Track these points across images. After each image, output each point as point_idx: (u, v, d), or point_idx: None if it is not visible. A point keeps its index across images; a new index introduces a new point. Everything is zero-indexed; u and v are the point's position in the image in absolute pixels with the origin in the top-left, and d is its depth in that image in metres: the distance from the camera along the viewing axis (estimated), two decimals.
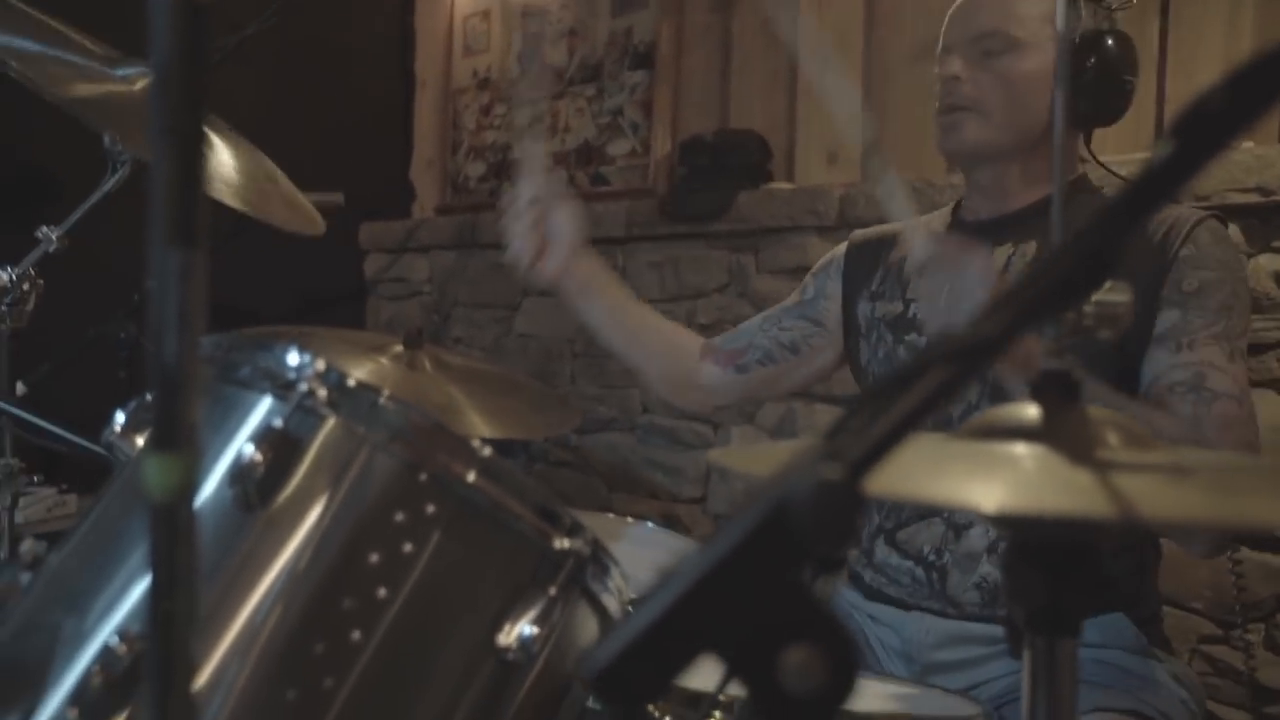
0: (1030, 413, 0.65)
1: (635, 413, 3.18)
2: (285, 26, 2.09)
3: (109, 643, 0.78)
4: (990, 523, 1.24)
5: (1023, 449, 0.62)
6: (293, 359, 0.86)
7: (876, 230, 1.69)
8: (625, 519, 1.90)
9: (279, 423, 0.83)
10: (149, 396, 0.89)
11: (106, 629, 0.79)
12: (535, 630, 0.82)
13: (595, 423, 3.27)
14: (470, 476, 0.84)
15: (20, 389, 1.62)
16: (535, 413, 1.78)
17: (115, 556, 0.85)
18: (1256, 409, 1.32)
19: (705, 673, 0.47)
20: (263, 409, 0.85)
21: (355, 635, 0.79)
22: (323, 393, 0.84)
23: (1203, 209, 1.40)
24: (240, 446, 0.82)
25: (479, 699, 0.82)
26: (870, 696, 1.15)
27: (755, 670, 0.45)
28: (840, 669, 0.45)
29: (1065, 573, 0.60)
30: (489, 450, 0.85)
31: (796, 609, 0.46)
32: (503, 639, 0.82)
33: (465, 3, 4.00)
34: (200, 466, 0.48)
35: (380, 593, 0.80)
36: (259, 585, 0.79)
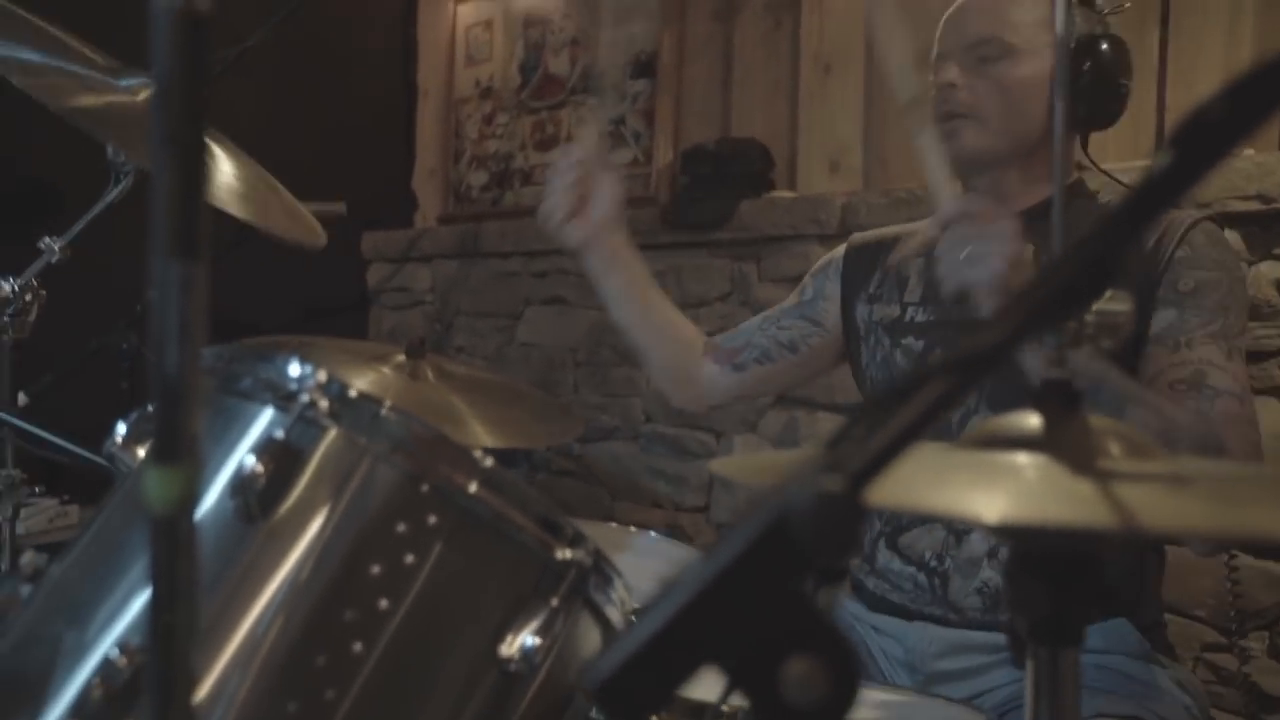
0: (1032, 422, 0.65)
1: (638, 422, 3.17)
2: (288, 37, 2.09)
3: (109, 655, 0.77)
4: (992, 533, 1.24)
5: (1024, 459, 0.62)
6: (294, 370, 0.86)
7: (875, 233, 1.70)
8: (628, 528, 1.90)
9: (280, 434, 0.83)
10: (150, 408, 0.89)
11: (107, 641, 0.79)
12: (537, 641, 0.82)
13: (598, 432, 3.27)
14: (472, 487, 0.84)
15: (22, 399, 1.62)
16: (538, 422, 1.78)
17: (116, 568, 0.84)
18: (1259, 413, 1.33)
19: (708, 684, 0.47)
20: (264, 420, 0.85)
21: (357, 647, 0.79)
22: (324, 404, 0.84)
23: (1199, 213, 1.41)
24: (241, 458, 0.82)
25: (481, 710, 0.82)
26: (873, 707, 1.15)
27: (757, 681, 0.45)
28: (842, 680, 0.45)
29: (1067, 583, 0.60)
30: (491, 461, 0.85)
31: (798, 620, 0.45)
32: (505, 650, 0.82)
33: (467, 12, 4.01)
34: (201, 478, 0.48)
35: (382, 604, 0.80)
36: (260, 597, 0.79)
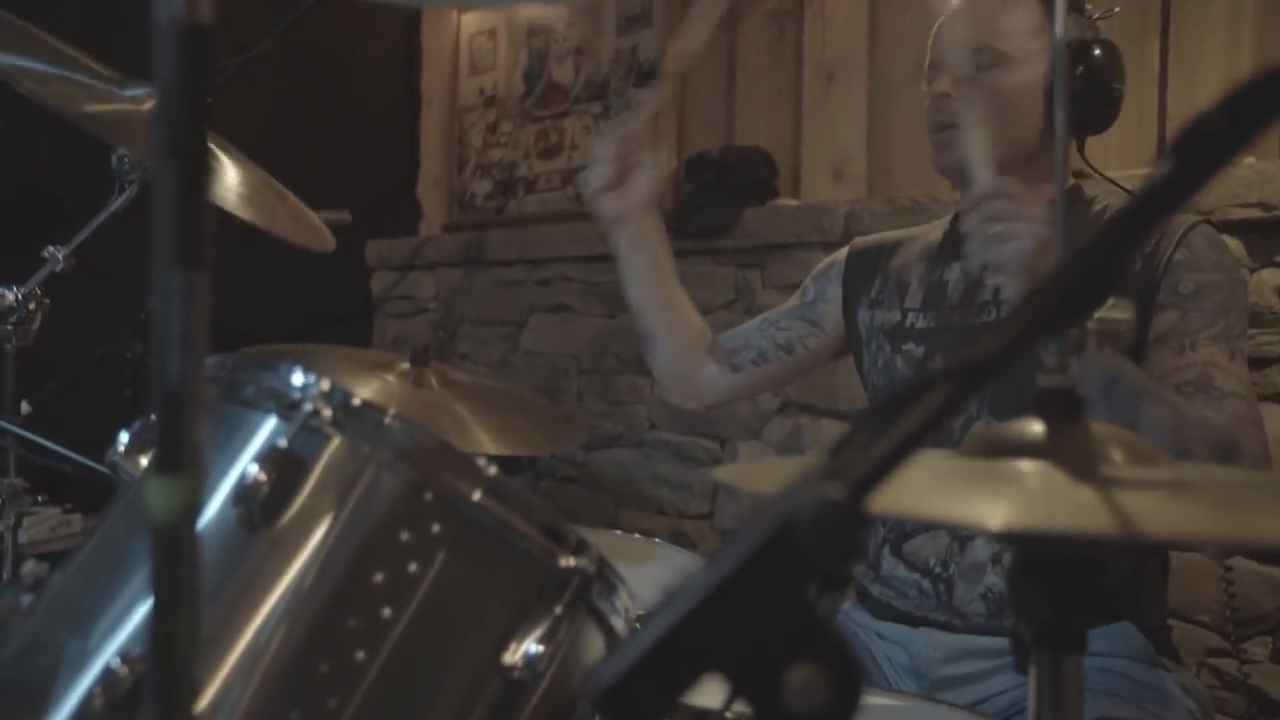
0: (1034, 429, 0.65)
1: (642, 429, 3.17)
2: (292, 46, 2.10)
3: (111, 664, 0.77)
4: (995, 539, 1.24)
5: (1027, 466, 0.62)
6: (297, 379, 0.85)
7: (877, 238, 1.71)
8: (632, 535, 1.90)
9: (283, 442, 0.83)
10: (153, 417, 0.90)
11: (109, 650, 0.79)
12: (541, 649, 0.82)
13: (602, 439, 3.27)
14: (476, 495, 0.84)
15: (25, 408, 1.62)
16: (542, 429, 1.79)
17: (118, 577, 0.84)
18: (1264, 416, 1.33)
19: (710, 691, 0.47)
20: (267, 429, 0.85)
21: (360, 655, 0.79)
22: (327, 412, 0.84)
23: (1197, 216, 1.41)
24: (244, 466, 0.82)
25: (484, 717, 0.82)
26: (877, 713, 1.15)
27: (760, 689, 0.45)
28: (844, 687, 0.45)
29: (1070, 589, 0.60)
30: (494, 469, 0.85)
31: (801, 627, 0.45)
32: (508, 658, 0.82)
33: (471, 21, 4.02)
34: (203, 487, 0.48)
35: (385, 612, 0.80)
36: (263, 605, 0.79)
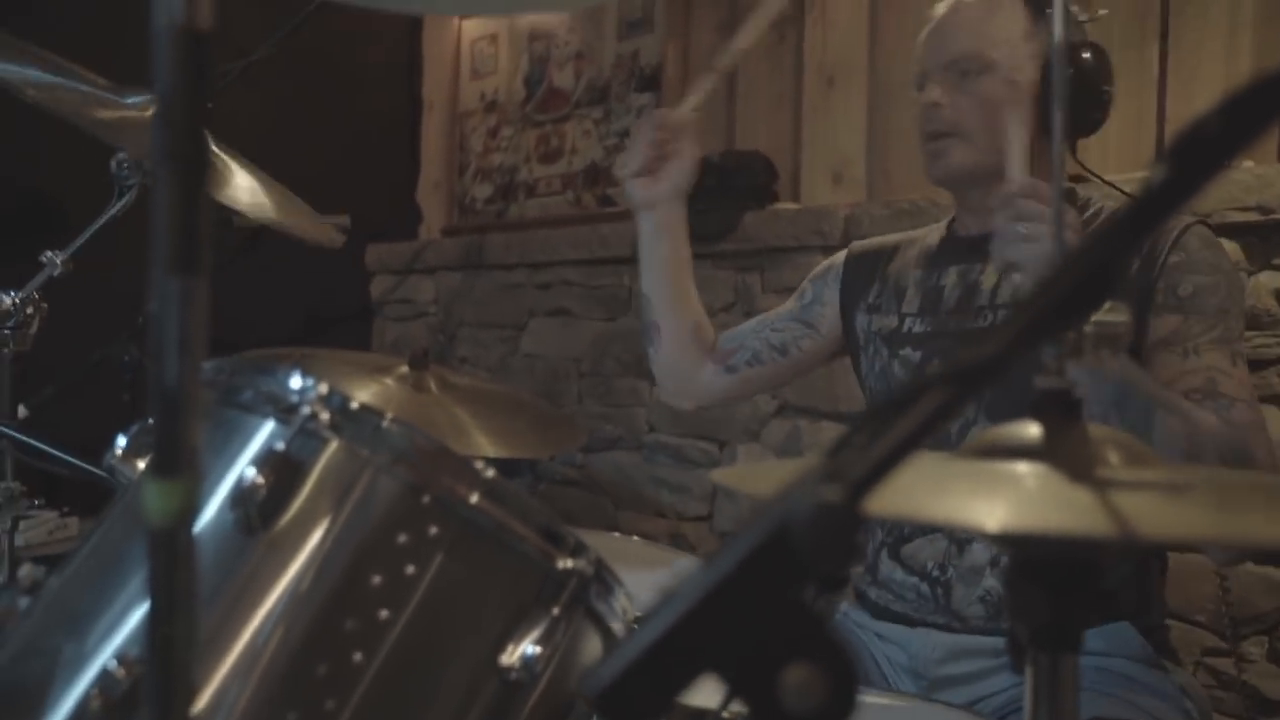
0: (1031, 432, 0.65)
1: (641, 431, 3.18)
2: (293, 50, 2.10)
3: (108, 666, 0.77)
4: (992, 541, 1.24)
5: (1024, 468, 0.62)
6: (295, 382, 0.86)
7: (875, 242, 1.71)
8: (631, 538, 1.90)
9: (281, 446, 0.83)
10: (150, 420, 0.90)
11: (106, 652, 0.79)
12: (538, 650, 0.82)
13: (601, 442, 3.27)
14: (473, 498, 0.84)
15: (22, 412, 1.62)
16: (541, 432, 1.79)
17: (115, 580, 0.85)
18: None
19: (707, 691, 0.47)
20: (265, 432, 0.85)
21: (357, 656, 0.79)
22: (325, 416, 0.84)
23: (1191, 217, 1.41)
24: (242, 470, 0.82)
25: (482, 719, 0.82)
26: (875, 713, 1.15)
27: (756, 689, 0.45)
28: (840, 688, 0.45)
29: (1067, 590, 0.60)
30: (492, 472, 0.85)
31: (797, 628, 0.46)
32: (506, 659, 0.82)
33: (472, 26, 4.02)
34: (200, 491, 0.48)
35: (383, 614, 0.80)
36: (260, 607, 0.79)
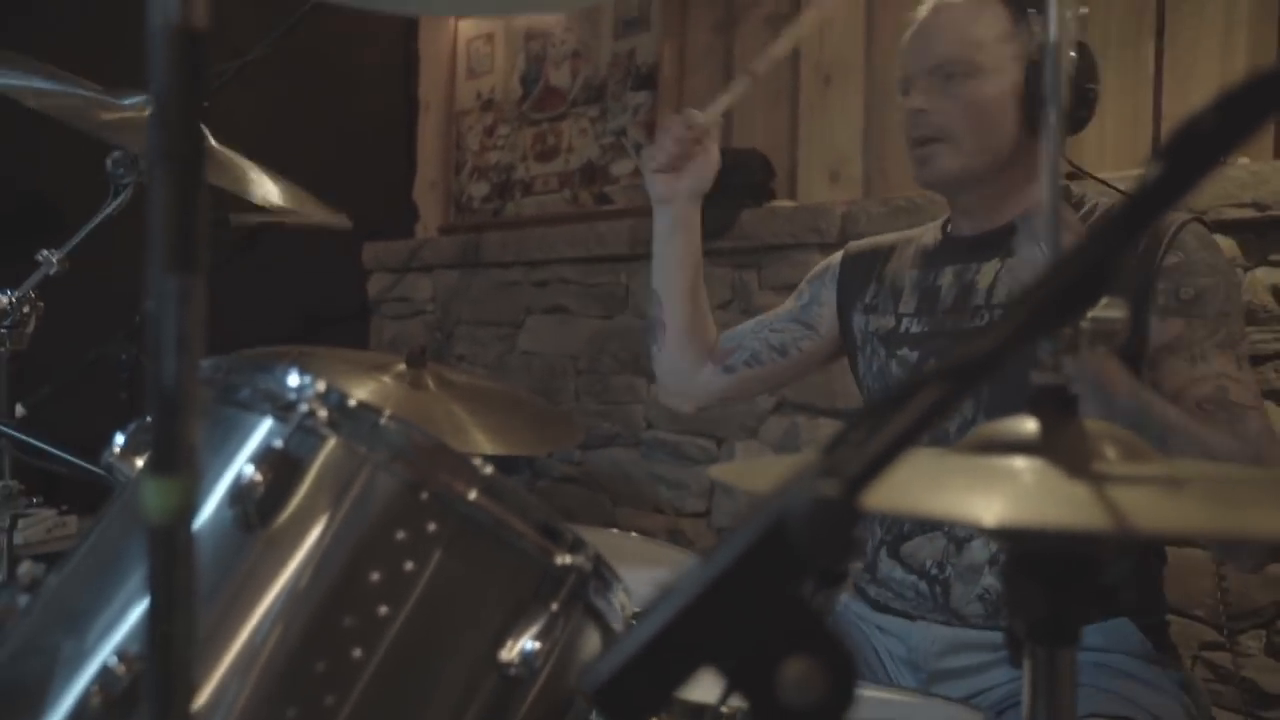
0: (1028, 427, 0.65)
1: (639, 428, 3.18)
2: (289, 50, 2.10)
3: (108, 663, 0.78)
4: (990, 536, 1.24)
5: (1021, 463, 0.62)
6: (293, 380, 0.86)
7: (872, 242, 1.71)
8: (629, 534, 1.90)
9: (279, 443, 0.83)
10: (148, 418, 0.90)
11: (105, 649, 0.79)
12: (537, 646, 0.82)
13: (599, 438, 3.27)
14: (472, 495, 0.84)
15: (20, 411, 1.62)
16: (539, 429, 1.79)
17: (114, 578, 0.85)
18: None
19: (707, 686, 0.47)
20: (263, 430, 0.85)
21: (356, 653, 0.79)
22: (323, 413, 0.84)
23: (1186, 214, 1.41)
24: (240, 467, 0.82)
25: (481, 714, 0.82)
26: (873, 708, 1.15)
27: (755, 683, 0.45)
28: (839, 681, 0.45)
29: (1064, 584, 0.60)
30: (490, 468, 0.85)
31: (796, 622, 0.46)
32: (505, 655, 0.82)
33: (468, 25, 4.02)
34: (199, 488, 0.48)
35: (381, 610, 0.80)
36: (259, 604, 0.79)
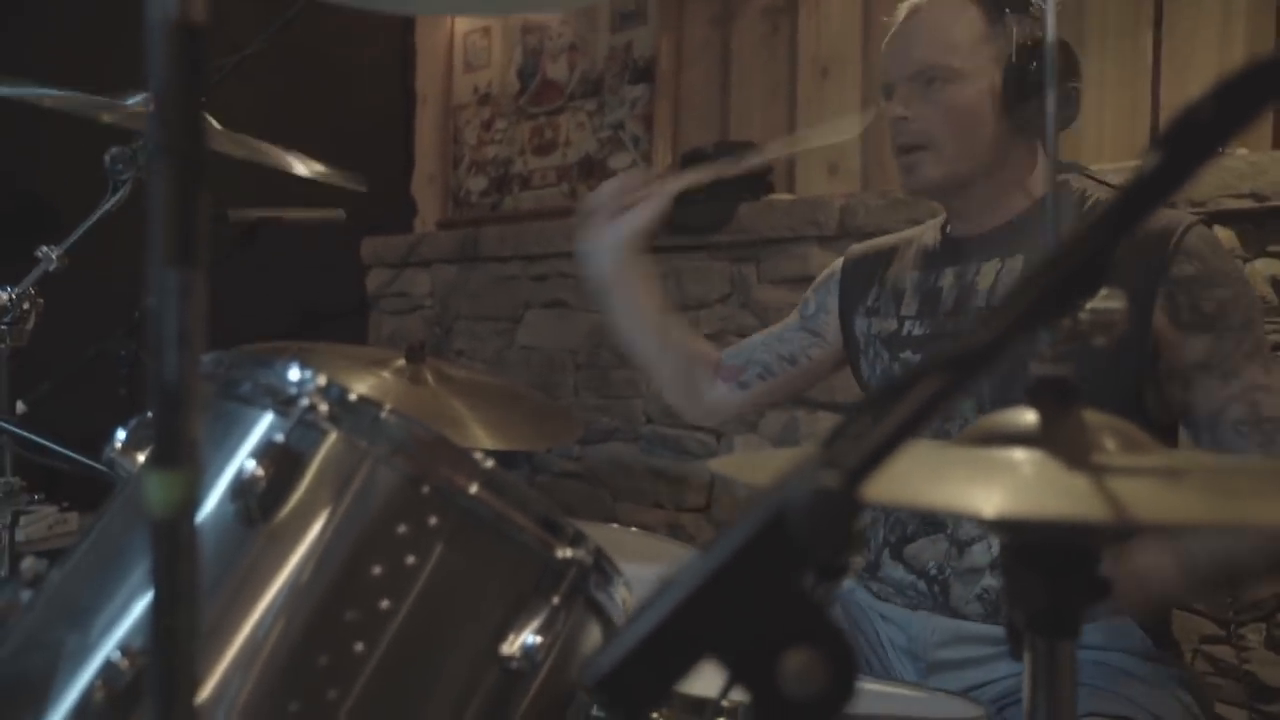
0: (1028, 419, 0.65)
1: (638, 423, 3.18)
2: (286, 45, 2.09)
3: (111, 657, 0.78)
4: (989, 527, 1.24)
5: (1021, 454, 0.62)
6: (294, 375, 0.86)
7: (873, 245, 1.70)
8: (629, 529, 1.91)
9: (280, 438, 0.83)
10: (150, 414, 0.90)
11: (109, 644, 0.80)
12: (539, 639, 0.82)
13: (598, 433, 3.27)
14: (473, 488, 0.84)
15: (20, 407, 1.63)
16: (538, 424, 1.79)
17: (117, 572, 0.85)
18: None
19: (708, 679, 0.47)
20: (264, 424, 0.85)
21: (358, 646, 0.79)
22: (324, 408, 0.84)
23: (1193, 214, 1.41)
24: (242, 462, 0.83)
25: (483, 708, 0.82)
26: (874, 700, 1.15)
27: (756, 675, 0.45)
28: (840, 673, 0.45)
29: (1064, 576, 0.61)
30: (491, 462, 0.85)
31: (796, 614, 0.46)
32: (506, 648, 0.82)
33: (465, 20, 4.01)
34: (201, 482, 0.48)
35: (383, 604, 0.81)
36: (262, 599, 0.80)
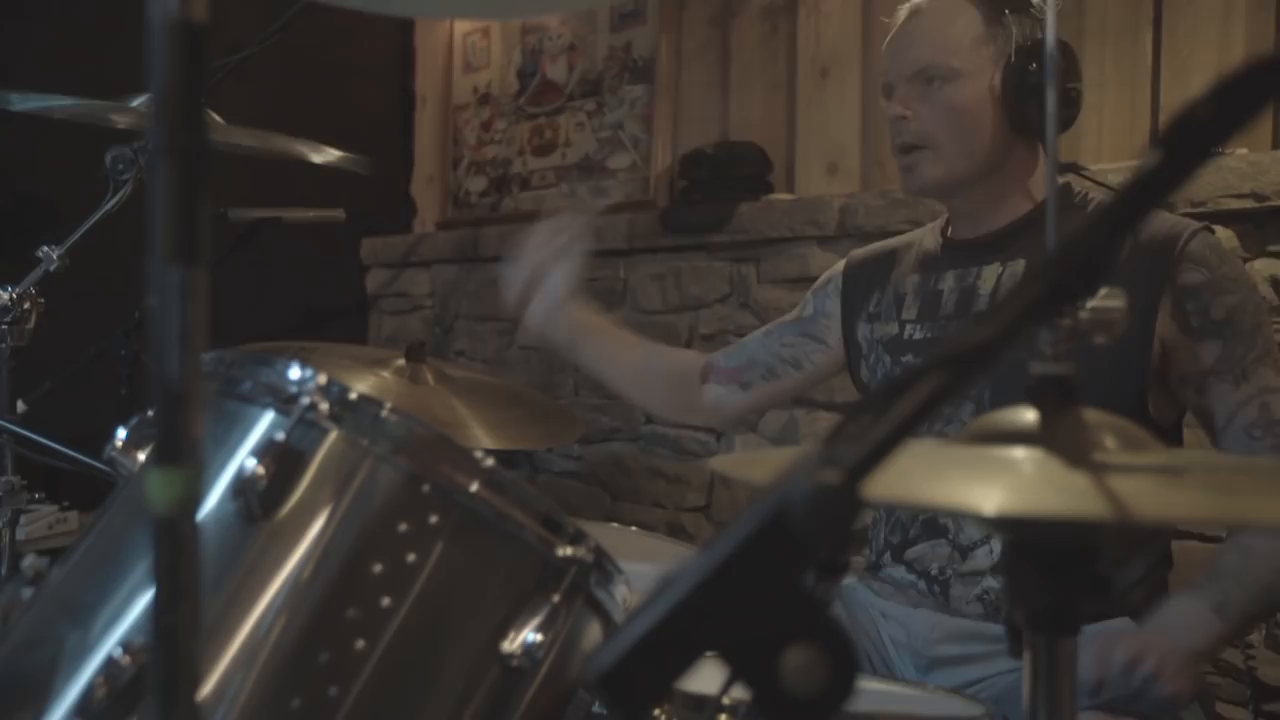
0: (1028, 417, 0.65)
1: (638, 422, 3.18)
2: (285, 45, 2.09)
3: (113, 654, 0.78)
4: (990, 526, 1.25)
5: (1021, 453, 0.62)
6: (294, 373, 0.86)
7: (874, 250, 1.70)
8: (629, 528, 1.91)
9: (281, 436, 0.83)
10: (150, 412, 0.90)
11: (110, 641, 0.80)
12: (539, 637, 0.83)
13: (598, 433, 3.27)
14: (473, 487, 0.84)
15: (21, 407, 1.63)
16: (538, 424, 1.79)
17: (118, 570, 0.85)
18: None
19: (710, 676, 0.47)
20: (265, 423, 0.86)
21: (359, 644, 0.79)
22: (325, 406, 0.85)
23: (1195, 216, 1.41)
24: (243, 460, 0.83)
25: (484, 705, 0.83)
26: (877, 698, 1.15)
27: (757, 671, 0.45)
28: (840, 670, 0.45)
29: (1064, 573, 0.61)
30: (491, 461, 0.85)
31: (797, 611, 0.46)
32: (507, 646, 0.82)
33: (464, 20, 4.01)
34: (203, 480, 0.48)
35: (384, 602, 0.81)
36: (263, 596, 0.80)
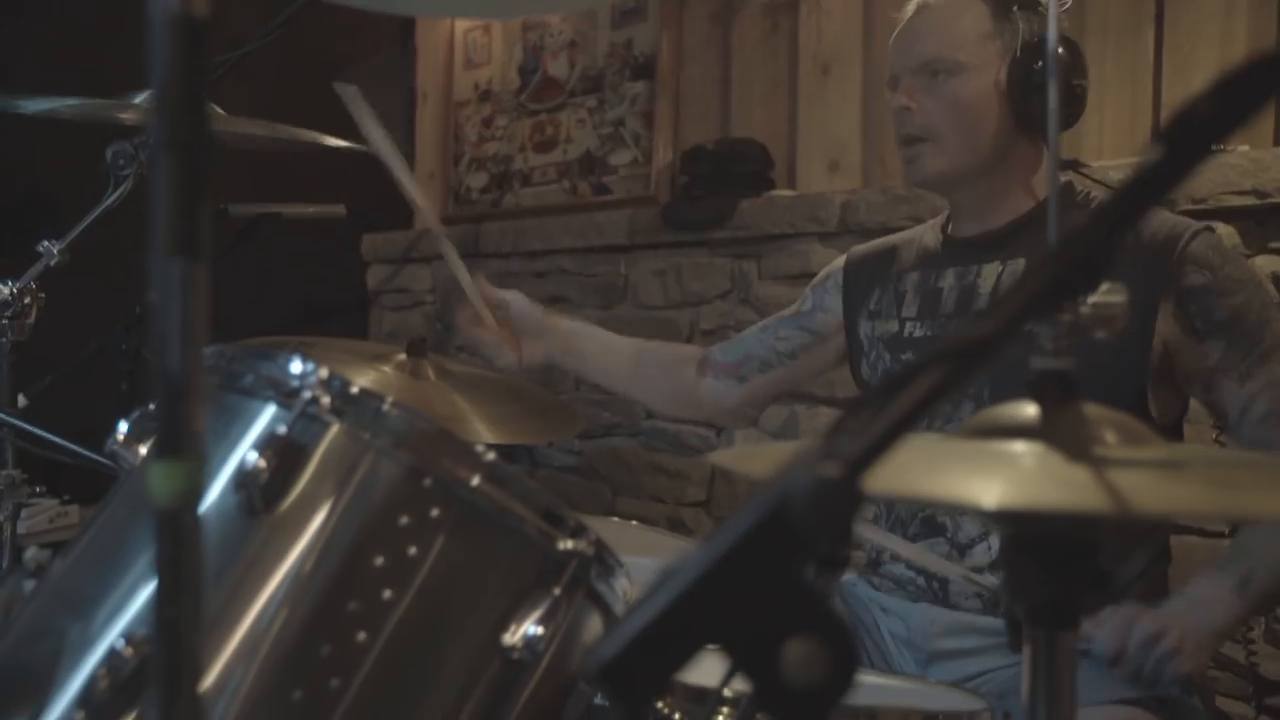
0: (1028, 411, 0.65)
1: (638, 417, 3.18)
2: (286, 41, 2.10)
3: (115, 646, 0.78)
4: (989, 520, 1.25)
5: (1021, 446, 0.62)
6: (296, 367, 0.86)
7: (874, 246, 1.70)
8: (630, 522, 1.91)
9: (283, 430, 0.83)
10: (152, 406, 0.90)
11: (112, 633, 0.80)
12: (540, 630, 0.83)
13: (599, 428, 3.27)
14: (474, 480, 0.84)
15: (22, 401, 1.63)
16: (539, 419, 1.79)
17: (120, 562, 0.85)
18: None
19: (712, 668, 0.48)
20: (266, 416, 0.86)
21: (361, 636, 0.80)
22: (326, 400, 0.85)
23: (1196, 212, 1.41)
24: (244, 453, 0.83)
25: (485, 698, 0.83)
26: (877, 692, 1.16)
27: (757, 664, 0.45)
28: (841, 662, 0.46)
29: (1064, 567, 0.61)
30: (492, 455, 0.85)
31: (798, 604, 0.46)
32: (508, 639, 0.83)
33: None
34: (205, 473, 0.49)
35: (385, 594, 0.81)
36: (265, 589, 0.80)
